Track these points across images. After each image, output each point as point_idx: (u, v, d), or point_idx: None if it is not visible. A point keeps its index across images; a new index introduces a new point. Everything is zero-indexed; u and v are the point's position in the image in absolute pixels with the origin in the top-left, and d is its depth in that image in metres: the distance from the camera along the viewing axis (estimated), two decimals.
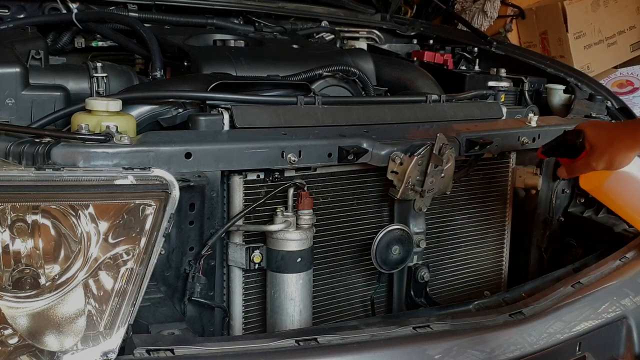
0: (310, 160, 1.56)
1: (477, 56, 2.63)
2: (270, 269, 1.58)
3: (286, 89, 1.83)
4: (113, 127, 1.37)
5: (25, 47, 1.70)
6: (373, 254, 1.64)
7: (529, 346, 1.53)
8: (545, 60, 2.55)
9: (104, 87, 1.73)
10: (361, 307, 1.81)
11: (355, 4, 2.83)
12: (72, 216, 1.26)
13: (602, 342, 1.70)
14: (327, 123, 1.67)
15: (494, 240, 2.02)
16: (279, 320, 1.58)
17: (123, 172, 1.29)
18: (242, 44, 2.14)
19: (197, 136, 1.49)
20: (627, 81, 4.28)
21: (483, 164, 1.94)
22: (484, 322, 1.53)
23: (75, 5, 2.16)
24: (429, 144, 1.63)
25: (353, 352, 1.37)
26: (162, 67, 1.83)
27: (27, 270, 1.25)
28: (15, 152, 1.27)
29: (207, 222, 1.51)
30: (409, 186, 1.63)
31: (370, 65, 2.12)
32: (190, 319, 1.53)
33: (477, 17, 4.14)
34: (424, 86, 2.21)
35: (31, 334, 1.23)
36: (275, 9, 2.51)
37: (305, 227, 1.56)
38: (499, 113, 2.01)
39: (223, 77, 1.73)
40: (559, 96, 2.31)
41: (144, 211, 1.30)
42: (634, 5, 4.33)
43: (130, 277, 1.28)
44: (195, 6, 2.34)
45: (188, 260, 1.51)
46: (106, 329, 1.27)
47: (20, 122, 1.52)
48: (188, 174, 1.40)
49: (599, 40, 4.22)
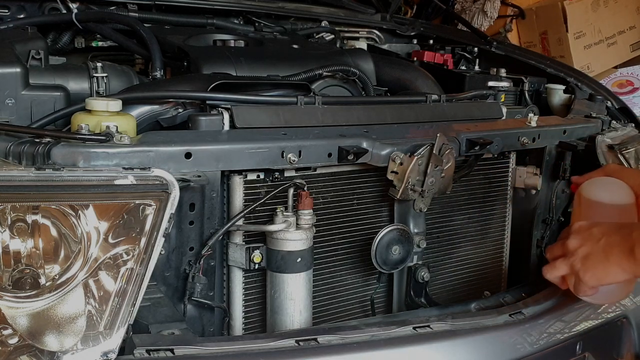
0: (310, 160, 1.56)
1: (477, 56, 2.63)
2: (271, 269, 1.58)
3: (286, 89, 1.83)
4: (113, 127, 1.37)
5: (25, 47, 1.70)
6: (373, 254, 1.64)
7: (529, 346, 1.53)
8: (545, 60, 2.55)
9: (104, 87, 1.73)
10: (361, 307, 1.81)
11: (355, 4, 2.83)
12: (72, 216, 1.26)
13: (602, 342, 1.71)
14: (327, 123, 1.67)
15: (494, 240, 2.03)
16: (279, 320, 1.58)
17: (123, 172, 1.30)
18: (242, 44, 2.14)
19: (197, 136, 1.49)
20: (627, 81, 4.28)
21: (483, 164, 1.94)
22: (484, 322, 1.53)
23: (75, 5, 2.16)
24: (429, 144, 1.63)
25: (353, 352, 1.37)
26: (162, 67, 1.83)
27: (27, 270, 1.25)
28: (15, 152, 1.27)
29: (207, 222, 1.51)
30: (409, 186, 1.63)
31: (370, 65, 2.12)
32: (190, 319, 1.53)
33: (477, 17, 4.14)
34: (424, 86, 2.21)
35: (31, 334, 1.23)
36: (275, 9, 2.51)
37: (306, 227, 1.56)
38: (499, 113, 2.01)
39: (223, 77, 1.73)
40: (559, 96, 2.31)
41: (144, 211, 1.30)
42: (634, 5, 4.33)
43: (130, 277, 1.28)
44: (195, 6, 2.34)
45: (188, 260, 1.51)
46: (106, 329, 1.26)
47: (20, 122, 1.52)
48: (188, 174, 1.40)
49: (599, 40, 4.22)
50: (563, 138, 2.01)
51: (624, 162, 2.03)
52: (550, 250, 1.53)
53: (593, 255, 1.39)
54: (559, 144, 2.00)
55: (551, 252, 1.52)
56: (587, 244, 1.40)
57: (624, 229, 1.37)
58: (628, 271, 1.35)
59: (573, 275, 1.45)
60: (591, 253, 1.39)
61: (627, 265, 1.34)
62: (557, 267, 1.47)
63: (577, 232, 1.44)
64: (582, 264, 1.41)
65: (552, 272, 1.49)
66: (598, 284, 1.42)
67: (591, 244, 1.40)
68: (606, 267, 1.37)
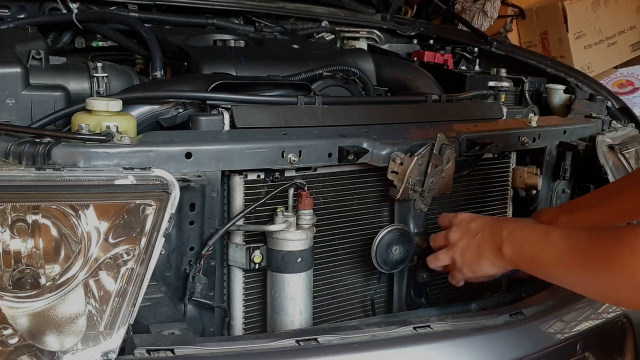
0: (310, 160, 1.56)
1: (477, 56, 2.63)
2: (271, 269, 1.58)
3: (286, 89, 1.83)
4: (113, 127, 1.37)
5: (25, 47, 1.70)
6: (373, 254, 1.64)
7: (530, 346, 1.53)
8: (546, 60, 2.55)
9: (104, 87, 1.73)
10: (361, 307, 1.80)
11: (356, 4, 2.83)
12: (73, 216, 1.26)
13: (602, 342, 1.71)
14: (328, 123, 1.67)
15: None
16: (279, 320, 1.58)
17: (123, 172, 1.30)
18: (242, 44, 2.14)
19: (198, 136, 1.49)
20: (627, 81, 4.28)
21: (483, 164, 1.94)
22: (484, 322, 1.53)
23: (76, 5, 2.16)
24: (429, 144, 1.63)
25: (353, 352, 1.37)
26: (163, 67, 1.83)
27: (28, 270, 1.25)
28: (16, 152, 1.27)
29: (207, 222, 1.51)
30: (409, 186, 1.63)
31: (371, 65, 2.12)
32: (190, 319, 1.53)
33: (478, 17, 4.14)
34: (424, 86, 2.21)
35: (31, 334, 1.23)
36: (276, 9, 2.52)
37: (306, 227, 1.56)
38: (499, 113, 2.00)
39: (223, 77, 1.73)
40: (559, 96, 2.31)
41: (144, 211, 1.30)
42: (634, 5, 4.33)
43: (131, 277, 1.28)
44: (195, 6, 2.34)
45: (188, 260, 1.51)
46: (106, 329, 1.26)
47: (20, 122, 1.52)
48: (188, 174, 1.40)
49: (599, 40, 4.22)
50: (563, 138, 2.01)
51: (624, 162, 2.03)
52: (433, 239, 1.62)
53: (470, 249, 1.49)
54: (559, 144, 2.00)
55: (434, 241, 1.62)
56: (465, 238, 1.51)
57: (497, 225, 1.46)
58: (498, 267, 1.45)
59: (454, 265, 1.55)
60: (468, 247, 1.50)
61: (497, 261, 1.44)
62: (439, 258, 1.58)
63: (458, 224, 1.54)
64: (460, 257, 1.52)
65: (436, 262, 1.60)
66: (474, 276, 1.53)
67: (469, 238, 1.50)
68: (480, 262, 1.48)
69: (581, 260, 1.23)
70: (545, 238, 1.32)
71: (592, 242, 1.23)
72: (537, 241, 1.33)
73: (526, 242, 1.36)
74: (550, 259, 1.30)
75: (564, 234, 1.28)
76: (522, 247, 1.37)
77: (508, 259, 1.40)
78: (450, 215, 1.59)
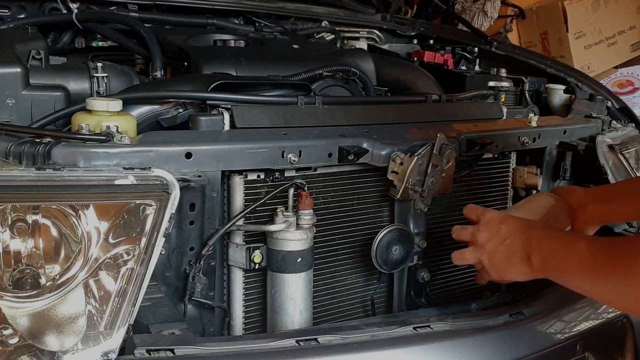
0: (310, 160, 1.56)
1: (477, 56, 2.63)
2: (271, 269, 1.58)
3: (286, 89, 1.83)
4: (113, 127, 1.37)
5: (25, 47, 1.70)
6: (373, 254, 1.64)
7: (530, 346, 1.53)
8: (546, 60, 2.55)
9: (104, 87, 1.73)
10: (361, 307, 1.80)
11: (356, 4, 2.84)
12: (73, 216, 1.26)
13: (602, 341, 1.71)
14: (328, 123, 1.67)
15: None
16: (280, 320, 1.58)
17: (123, 172, 1.30)
18: (242, 44, 2.14)
19: (198, 136, 1.49)
20: (627, 81, 4.28)
21: (483, 164, 1.94)
22: (484, 322, 1.53)
23: (76, 5, 2.16)
24: (429, 144, 1.63)
25: (353, 352, 1.37)
26: (163, 67, 1.83)
27: (28, 270, 1.25)
28: (16, 152, 1.27)
29: (207, 222, 1.51)
30: (410, 186, 1.63)
31: (371, 65, 2.12)
32: (190, 319, 1.53)
33: (478, 17, 4.14)
34: (424, 86, 2.21)
35: (31, 334, 1.23)
36: (276, 9, 2.52)
37: (306, 227, 1.56)
38: (499, 113, 2.00)
39: (223, 77, 1.73)
40: (559, 96, 2.31)
41: (145, 211, 1.30)
42: (634, 5, 4.33)
43: (131, 277, 1.28)
44: (195, 6, 2.35)
45: (188, 260, 1.51)
46: (106, 329, 1.26)
47: (20, 122, 1.52)
48: (188, 174, 1.40)
49: (599, 40, 4.22)
50: (563, 138, 2.01)
51: (624, 162, 2.03)
52: (457, 231, 1.55)
53: (498, 254, 1.44)
54: (560, 144, 2.00)
55: (458, 234, 1.55)
56: (494, 240, 1.45)
57: (528, 232, 1.41)
58: (526, 274, 1.39)
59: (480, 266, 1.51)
60: (497, 251, 1.44)
61: (525, 269, 1.38)
62: (466, 257, 1.52)
63: (487, 224, 1.48)
64: (488, 260, 1.46)
65: (461, 261, 1.54)
66: (500, 280, 1.48)
67: (498, 241, 1.44)
68: (508, 267, 1.42)
69: (601, 271, 1.21)
70: (571, 247, 1.28)
71: (611, 252, 1.20)
72: (562, 251, 1.30)
73: (553, 252, 1.33)
74: (576, 270, 1.26)
75: (588, 244, 1.25)
76: (549, 257, 1.33)
77: (537, 268, 1.36)
78: (479, 210, 1.53)
